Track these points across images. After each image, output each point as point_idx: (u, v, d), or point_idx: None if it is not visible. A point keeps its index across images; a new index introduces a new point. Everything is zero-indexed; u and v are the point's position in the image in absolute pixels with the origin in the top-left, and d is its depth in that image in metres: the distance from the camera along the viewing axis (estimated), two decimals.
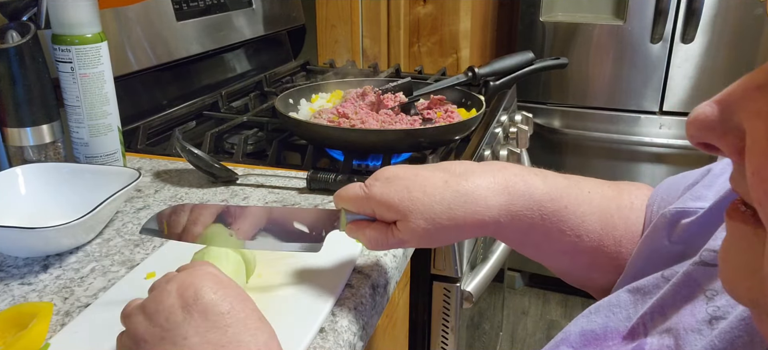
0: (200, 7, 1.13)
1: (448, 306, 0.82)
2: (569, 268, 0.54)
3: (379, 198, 0.48)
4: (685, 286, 0.38)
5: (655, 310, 0.40)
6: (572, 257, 0.51)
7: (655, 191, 0.52)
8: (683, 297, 0.38)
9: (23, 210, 0.64)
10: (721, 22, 1.68)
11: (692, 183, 0.47)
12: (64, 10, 0.70)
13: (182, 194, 0.74)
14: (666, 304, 0.39)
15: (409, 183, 0.48)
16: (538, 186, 0.49)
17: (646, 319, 0.40)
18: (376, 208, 0.48)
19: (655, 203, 0.50)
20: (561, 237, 0.50)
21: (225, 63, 1.25)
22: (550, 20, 1.84)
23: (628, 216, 0.51)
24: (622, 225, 0.50)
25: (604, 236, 0.50)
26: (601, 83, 1.85)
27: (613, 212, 0.51)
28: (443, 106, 0.99)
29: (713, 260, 0.38)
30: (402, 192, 0.47)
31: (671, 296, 0.39)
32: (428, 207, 0.47)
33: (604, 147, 1.89)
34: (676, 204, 0.45)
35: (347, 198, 0.50)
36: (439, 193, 0.47)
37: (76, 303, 0.52)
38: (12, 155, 0.73)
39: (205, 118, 1.05)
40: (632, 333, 0.40)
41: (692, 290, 0.38)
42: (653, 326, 0.39)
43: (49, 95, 0.73)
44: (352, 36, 1.64)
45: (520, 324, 2.08)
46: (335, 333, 0.48)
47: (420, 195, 0.47)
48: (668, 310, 0.39)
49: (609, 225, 0.50)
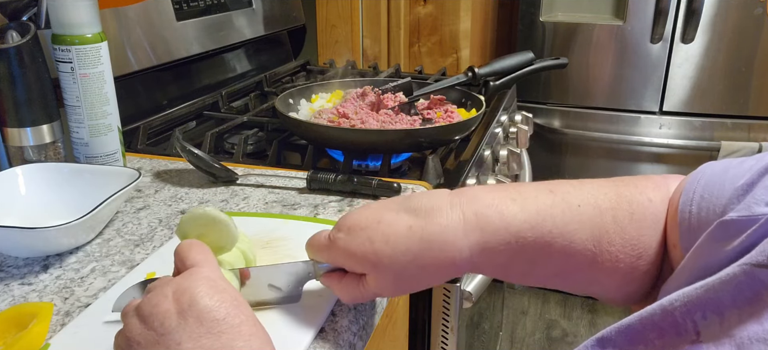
0: (200, 7, 1.13)
1: (448, 306, 0.82)
2: (566, 286, 0.51)
3: (343, 250, 0.46)
4: (749, 289, 0.34)
5: (708, 308, 0.35)
6: (565, 278, 0.48)
7: (690, 188, 0.44)
8: (746, 299, 0.34)
9: (23, 210, 0.64)
10: (721, 22, 1.68)
11: (747, 183, 0.40)
12: (64, 10, 0.70)
13: (182, 194, 0.74)
14: (723, 305, 0.34)
15: (371, 234, 0.45)
16: (515, 215, 0.45)
17: (696, 317, 0.36)
18: (343, 261, 0.47)
19: (694, 204, 0.43)
20: (548, 262, 0.46)
21: (225, 63, 1.25)
22: (550, 20, 1.84)
23: (626, 231, 0.46)
24: (619, 241, 0.46)
25: (598, 253, 0.46)
26: (601, 83, 1.85)
27: (609, 226, 0.46)
28: (443, 106, 0.99)
29: None
30: (365, 244, 0.45)
31: (730, 297, 0.34)
32: (393, 259, 0.44)
33: (604, 147, 1.89)
34: (738, 209, 0.39)
35: (315, 248, 0.48)
36: (403, 243, 0.44)
37: (76, 303, 0.52)
38: (12, 155, 0.73)
39: (206, 118, 1.05)
40: (678, 330, 0.36)
41: (758, 295, 0.34)
42: (708, 329, 0.35)
43: (49, 95, 0.73)
44: (352, 36, 1.64)
45: (519, 324, 2.08)
46: (335, 333, 0.48)
47: (383, 247, 0.44)
48: (727, 313, 0.34)
49: (603, 240, 0.46)
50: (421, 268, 0.44)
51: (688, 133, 1.81)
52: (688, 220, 0.43)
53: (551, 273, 0.47)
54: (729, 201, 0.40)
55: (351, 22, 1.63)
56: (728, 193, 0.41)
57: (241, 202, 0.72)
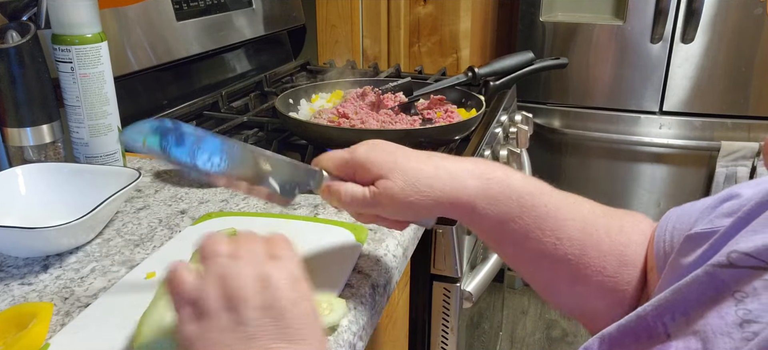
0: (200, 7, 1.13)
1: (448, 306, 0.82)
2: (551, 280, 0.53)
3: (363, 157, 0.50)
4: (711, 288, 0.37)
5: (676, 310, 0.38)
6: (553, 265, 0.51)
7: (664, 222, 0.50)
8: (709, 298, 0.37)
9: (23, 210, 0.64)
10: (721, 22, 1.68)
11: (711, 205, 0.45)
12: (64, 10, 0.70)
13: (182, 194, 0.74)
14: (690, 306, 0.38)
15: (393, 149, 0.51)
16: (517, 178, 0.50)
17: (665, 319, 0.39)
18: (358, 169, 0.50)
19: (667, 232, 0.48)
20: (541, 237, 0.50)
21: (225, 63, 1.25)
22: (550, 20, 1.84)
23: (614, 238, 0.50)
24: (608, 242, 0.50)
25: (587, 247, 0.49)
26: (601, 83, 1.85)
27: (600, 227, 0.50)
28: (443, 106, 0.99)
29: (743, 261, 0.37)
30: (386, 154, 0.50)
31: (695, 297, 0.38)
32: (409, 170, 0.49)
33: (604, 147, 1.89)
34: (701, 225, 0.43)
35: (329, 158, 0.52)
36: (422, 163, 0.50)
37: (76, 303, 0.52)
38: (12, 155, 0.73)
39: (206, 118, 1.05)
40: (650, 333, 0.39)
41: (719, 292, 0.37)
42: (676, 327, 0.38)
43: (49, 95, 0.73)
44: (352, 36, 1.64)
45: (519, 324, 2.08)
46: (335, 333, 0.48)
47: (403, 160, 0.49)
48: (692, 312, 0.37)
49: (593, 237, 0.50)
50: (430, 188, 0.49)
51: (688, 133, 1.81)
52: (663, 248, 0.48)
53: (540, 251, 0.50)
54: (695, 222, 0.45)
55: (351, 22, 1.63)
56: (695, 216, 0.46)
57: (241, 202, 0.72)
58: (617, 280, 0.50)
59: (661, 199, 1.89)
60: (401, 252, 0.62)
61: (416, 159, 0.50)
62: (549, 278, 0.53)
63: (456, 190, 0.49)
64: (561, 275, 0.51)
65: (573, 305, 0.54)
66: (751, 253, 0.36)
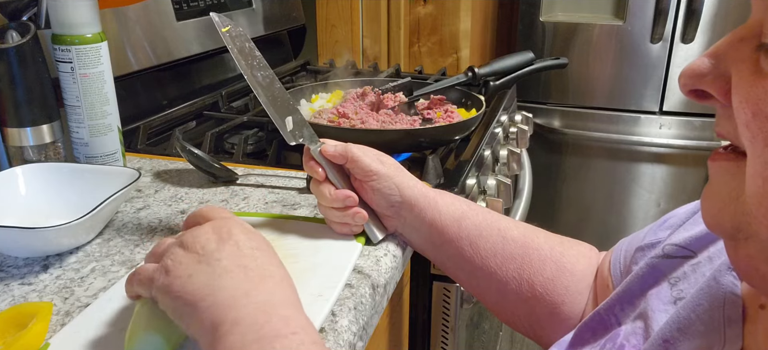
0: (200, 7, 1.14)
1: (448, 306, 0.82)
2: (498, 298, 0.60)
3: (356, 147, 0.59)
4: (651, 276, 0.45)
5: (623, 301, 0.46)
6: (487, 281, 0.58)
7: (617, 252, 0.56)
8: (649, 285, 0.44)
9: (23, 210, 0.64)
10: (721, 22, 1.68)
11: (657, 224, 0.52)
12: (64, 10, 0.70)
13: (182, 194, 0.74)
14: (634, 295, 0.45)
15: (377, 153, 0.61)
16: (440, 203, 0.60)
17: (616, 311, 0.46)
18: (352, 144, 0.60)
19: (622, 252, 0.55)
20: (487, 240, 0.58)
21: (225, 63, 1.25)
22: (550, 20, 1.84)
23: (546, 258, 0.57)
24: (538, 262, 0.57)
25: (527, 240, 0.58)
26: (601, 83, 1.85)
27: (531, 252, 0.58)
28: (443, 106, 0.99)
29: (675, 252, 0.45)
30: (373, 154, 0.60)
31: (638, 286, 0.45)
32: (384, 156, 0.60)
33: (604, 147, 1.89)
34: (648, 239, 0.51)
35: (332, 144, 0.61)
36: (392, 160, 0.61)
37: (76, 303, 0.52)
38: (12, 155, 0.73)
39: (206, 118, 1.05)
40: (605, 326, 0.46)
41: (657, 279, 0.44)
42: (624, 315, 0.45)
43: (49, 95, 0.73)
44: (352, 36, 1.64)
45: None
46: (335, 333, 0.48)
47: (385, 156, 0.60)
48: (636, 299, 0.45)
49: (515, 256, 0.57)
50: (394, 164, 0.60)
51: (688, 133, 1.81)
52: (620, 270, 0.54)
53: (490, 253, 0.58)
54: (644, 237, 0.52)
55: (351, 22, 1.63)
56: (642, 236, 0.53)
57: (241, 202, 0.72)
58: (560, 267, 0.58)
59: (661, 199, 1.89)
60: (401, 252, 0.62)
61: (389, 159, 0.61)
62: (495, 295, 0.60)
63: (407, 183, 0.59)
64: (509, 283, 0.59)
65: (518, 324, 0.61)
66: (681, 244, 0.45)
